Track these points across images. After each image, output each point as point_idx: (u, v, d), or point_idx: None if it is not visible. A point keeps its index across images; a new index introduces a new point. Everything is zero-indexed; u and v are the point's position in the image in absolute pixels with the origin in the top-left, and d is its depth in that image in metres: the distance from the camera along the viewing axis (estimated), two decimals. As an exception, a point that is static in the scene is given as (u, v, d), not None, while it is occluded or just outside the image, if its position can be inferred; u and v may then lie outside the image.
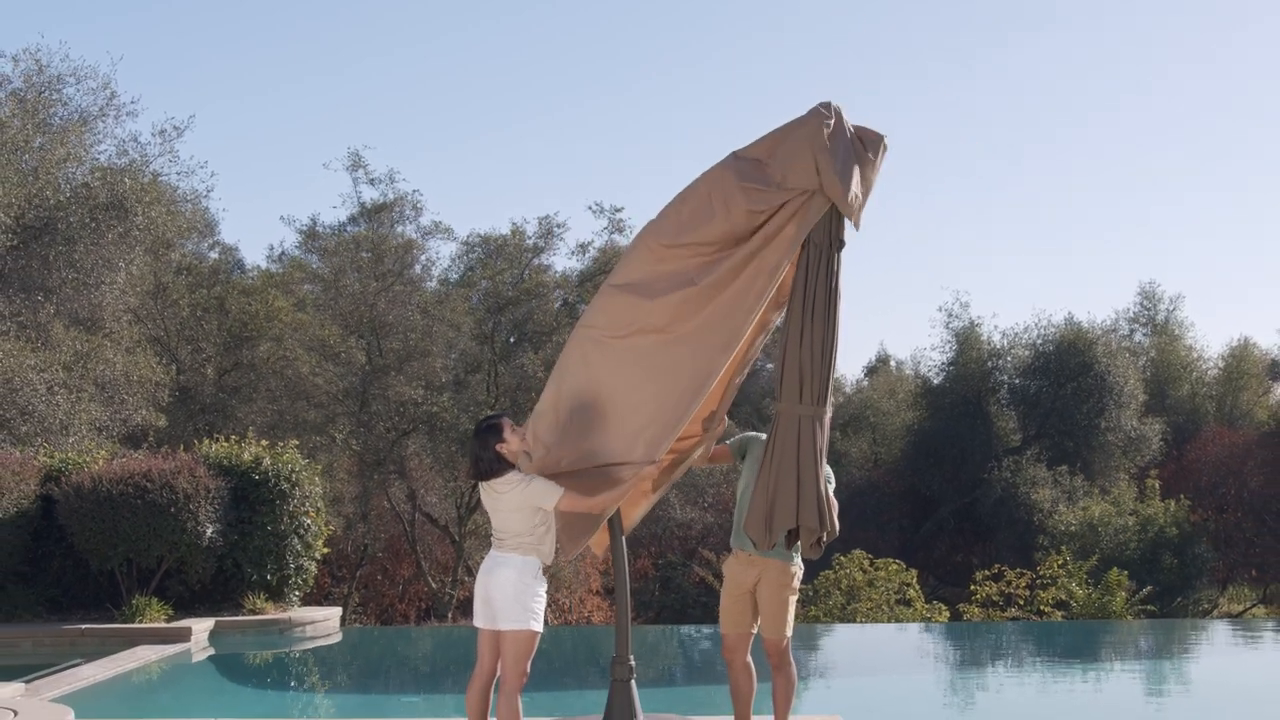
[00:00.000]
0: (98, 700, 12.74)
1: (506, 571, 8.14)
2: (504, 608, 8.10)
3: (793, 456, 8.16)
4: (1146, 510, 38.05)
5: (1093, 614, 27.83)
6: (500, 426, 8.26)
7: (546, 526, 8.21)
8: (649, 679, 12.68)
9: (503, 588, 8.12)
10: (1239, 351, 52.50)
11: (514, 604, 8.09)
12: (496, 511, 8.21)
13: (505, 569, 8.15)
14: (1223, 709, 14.06)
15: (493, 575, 8.17)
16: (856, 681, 16.14)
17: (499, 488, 8.15)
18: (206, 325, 34.83)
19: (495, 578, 8.16)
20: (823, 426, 8.26)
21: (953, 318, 47.77)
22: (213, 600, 18.60)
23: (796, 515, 8.16)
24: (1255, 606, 45.35)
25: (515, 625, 8.09)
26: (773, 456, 8.25)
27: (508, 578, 8.12)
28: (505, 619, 8.11)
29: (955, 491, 45.40)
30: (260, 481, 18.83)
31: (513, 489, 8.11)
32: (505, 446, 8.17)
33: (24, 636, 16.64)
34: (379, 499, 37.13)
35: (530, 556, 8.14)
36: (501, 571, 8.15)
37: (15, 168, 25.99)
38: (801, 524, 8.18)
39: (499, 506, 8.18)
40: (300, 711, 14.26)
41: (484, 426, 8.31)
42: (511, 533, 8.16)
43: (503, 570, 8.15)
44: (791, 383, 8.20)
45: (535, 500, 8.09)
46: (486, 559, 8.29)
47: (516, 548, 8.14)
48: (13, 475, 17.63)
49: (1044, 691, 15.61)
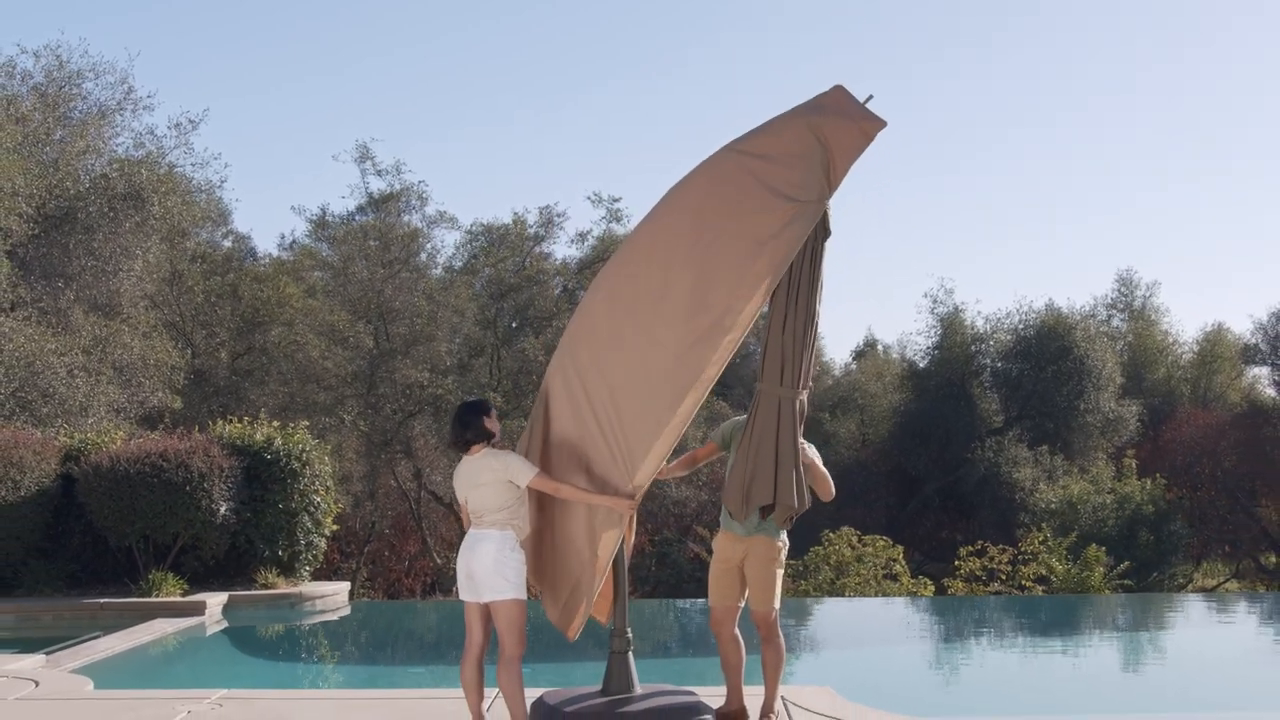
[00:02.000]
0: (116, 671, 12.74)
1: (486, 545, 8.17)
2: (486, 580, 8.15)
3: (772, 435, 8.18)
4: (1124, 489, 38.10)
5: (1072, 588, 27.84)
6: (489, 405, 8.42)
7: (521, 501, 8.25)
8: (646, 651, 12.69)
9: (483, 561, 8.15)
10: (1213, 336, 52.59)
11: (495, 575, 8.12)
12: (476, 487, 8.23)
13: (485, 544, 8.18)
14: (1196, 678, 14.07)
15: (474, 551, 8.20)
16: (845, 653, 16.15)
17: (482, 459, 8.22)
18: (220, 311, 34.83)
19: (476, 553, 8.19)
20: (802, 408, 8.25)
21: (938, 304, 47.84)
22: (226, 575, 18.60)
23: (774, 492, 8.18)
24: (1228, 581, 45.46)
25: (499, 596, 8.13)
26: (752, 434, 8.28)
27: (487, 551, 8.16)
28: (489, 591, 8.15)
29: (940, 470, 45.39)
30: (272, 461, 18.82)
31: (494, 459, 8.18)
32: (491, 424, 8.27)
33: (45, 610, 16.63)
34: (386, 478, 37.11)
35: (507, 531, 8.18)
36: (481, 546, 8.19)
37: (37, 159, 26.01)
38: (779, 500, 8.20)
39: (478, 480, 8.21)
40: (311, 682, 14.26)
41: (473, 402, 8.44)
42: (490, 508, 8.18)
43: (482, 545, 8.19)
44: (773, 366, 8.20)
45: (512, 473, 8.13)
46: (467, 537, 8.33)
47: (494, 523, 8.17)
48: (34, 455, 17.62)
49: (1025, 662, 15.62)
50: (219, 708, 9.62)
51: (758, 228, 8.04)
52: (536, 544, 8.62)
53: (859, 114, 8.02)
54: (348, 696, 11.63)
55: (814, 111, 8.10)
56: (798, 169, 8.03)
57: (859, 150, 8.06)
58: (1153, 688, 13.91)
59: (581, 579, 8.36)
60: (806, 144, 8.04)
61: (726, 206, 8.14)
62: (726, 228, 8.09)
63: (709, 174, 8.30)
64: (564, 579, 8.46)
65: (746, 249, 8.04)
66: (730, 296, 8.03)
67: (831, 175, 8.04)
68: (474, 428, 8.27)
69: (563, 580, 8.47)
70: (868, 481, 45.55)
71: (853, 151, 8.05)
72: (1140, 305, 54.76)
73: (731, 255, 8.06)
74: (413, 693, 10.79)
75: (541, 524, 8.58)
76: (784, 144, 8.10)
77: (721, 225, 8.10)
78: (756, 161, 8.14)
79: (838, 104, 8.07)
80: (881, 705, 9.34)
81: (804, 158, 8.04)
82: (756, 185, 8.08)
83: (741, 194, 8.11)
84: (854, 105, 8.04)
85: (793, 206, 7.99)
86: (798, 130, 8.09)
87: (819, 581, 26.97)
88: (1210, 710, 11.72)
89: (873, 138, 8.04)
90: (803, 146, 8.05)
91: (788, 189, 8.02)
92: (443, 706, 9.61)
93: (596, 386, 8.30)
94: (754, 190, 8.08)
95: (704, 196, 8.24)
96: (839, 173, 8.06)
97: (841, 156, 8.03)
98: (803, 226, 7.99)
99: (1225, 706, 12.05)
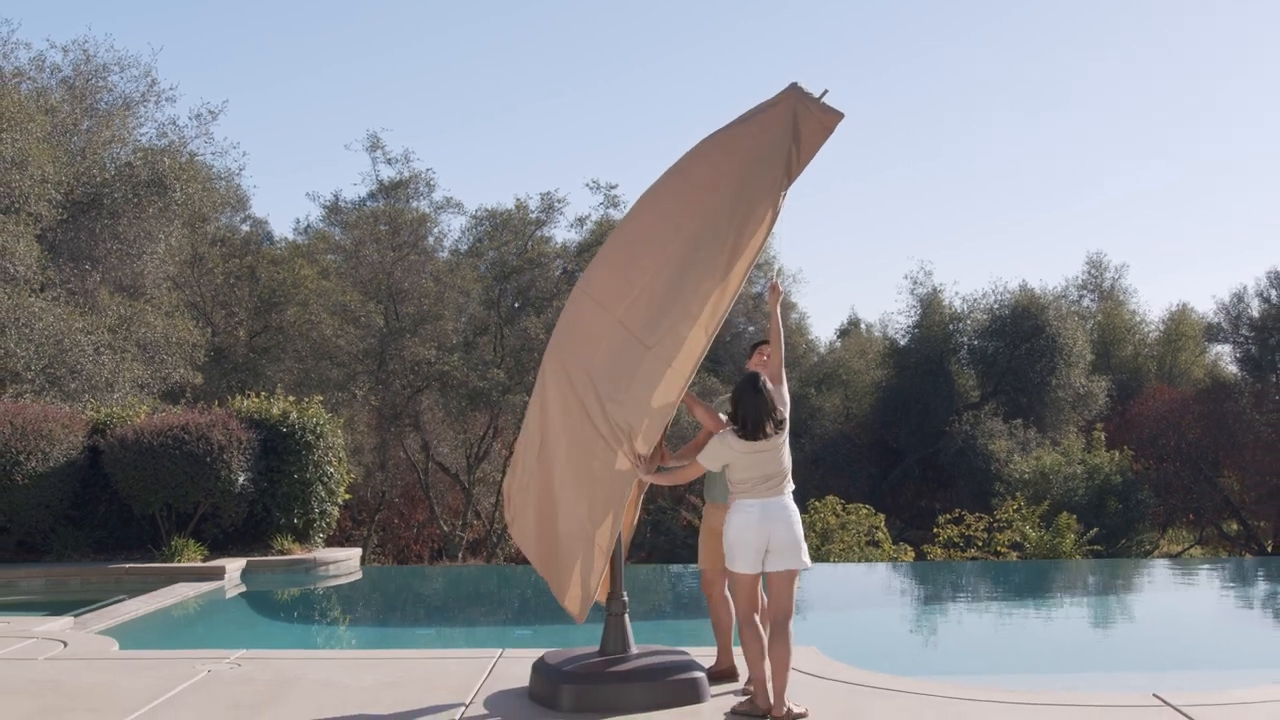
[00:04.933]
0: (140, 632, 12.74)
1: (795, 513, 7.94)
2: (796, 547, 7.87)
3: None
4: (1093, 460, 38.11)
5: (1044, 554, 27.87)
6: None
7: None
8: (641, 613, 12.69)
9: (796, 528, 7.90)
10: (1178, 316, 52.70)
11: (801, 543, 7.93)
12: (769, 453, 7.88)
13: (792, 511, 7.94)
14: (1161, 637, 14.10)
15: (788, 515, 7.88)
16: (830, 616, 16.14)
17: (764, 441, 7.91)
18: (238, 291, 34.83)
19: (791, 517, 7.88)
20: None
21: (917, 285, 47.94)
22: (244, 541, 18.58)
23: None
24: (1192, 547, 45.58)
25: (800, 564, 7.92)
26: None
27: (796, 518, 7.94)
28: (796, 558, 7.89)
29: (919, 443, 45.45)
30: (287, 434, 18.78)
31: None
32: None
33: (73, 575, 16.63)
34: (395, 449, 37.18)
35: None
36: (791, 513, 7.91)
37: (65, 149, 26.00)
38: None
39: (773, 445, 7.91)
40: (324, 642, 14.26)
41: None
42: (785, 474, 7.98)
43: (791, 513, 7.92)
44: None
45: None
46: (752, 506, 7.85)
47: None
48: (63, 428, 17.59)
49: (1000, 623, 15.63)
50: (238, 667, 9.61)
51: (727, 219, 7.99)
52: (539, 532, 8.54)
53: (817, 109, 7.96)
54: (359, 656, 11.63)
55: (773, 108, 8.04)
56: (761, 166, 7.97)
57: (820, 143, 8.00)
58: (1120, 647, 13.94)
59: (585, 564, 8.30)
60: (767, 144, 7.97)
61: (696, 204, 8.07)
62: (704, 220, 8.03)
63: (677, 179, 8.24)
64: (569, 565, 8.37)
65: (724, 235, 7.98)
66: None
67: (792, 168, 7.98)
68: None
69: (567, 566, 8.38)
70: (851, 453, 45.57)
71: (814, 144, 7.99)
72: (1109, 286, 54.81)
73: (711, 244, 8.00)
74: (420, 653, 10.77)
75: (544, 512, 8.48)
76: (747, 146, 8.03)
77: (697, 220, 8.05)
78: (721, 160, 8.08)
79: (796, 101, 8.00)
80: (864, 664, 9.33)
81: (762, 160, 7.96)
82: (720, 187, 8.02)
83: (710, 191, 8.06)
84: (811, 101, 7.99)
85: (761, 204, 7.95)
86: (759, 130, 8.03)
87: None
88: (1176, 668, 11.74)
89: (832, 129, 7.98)
90: (763, 148, 7.97)
91: (752, 188, 7.96)
92: (447, 666, 9.60)
93: (585, 365, 8.22)
94: (720, 188, 8.03)
95: (675, 197, 8.19)
96: (800, 165, 7.99)
97: (804, 149, 7.97)
98: (764, 212, 7.96)
99: (1189, 664, 12.07)
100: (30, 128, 23.61)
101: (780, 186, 7.94)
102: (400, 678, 9.18)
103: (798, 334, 49.57)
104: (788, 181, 7.97)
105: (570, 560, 8.31)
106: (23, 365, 21.86)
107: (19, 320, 21.91)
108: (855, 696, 8.38)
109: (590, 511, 8.19)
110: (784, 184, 7.95)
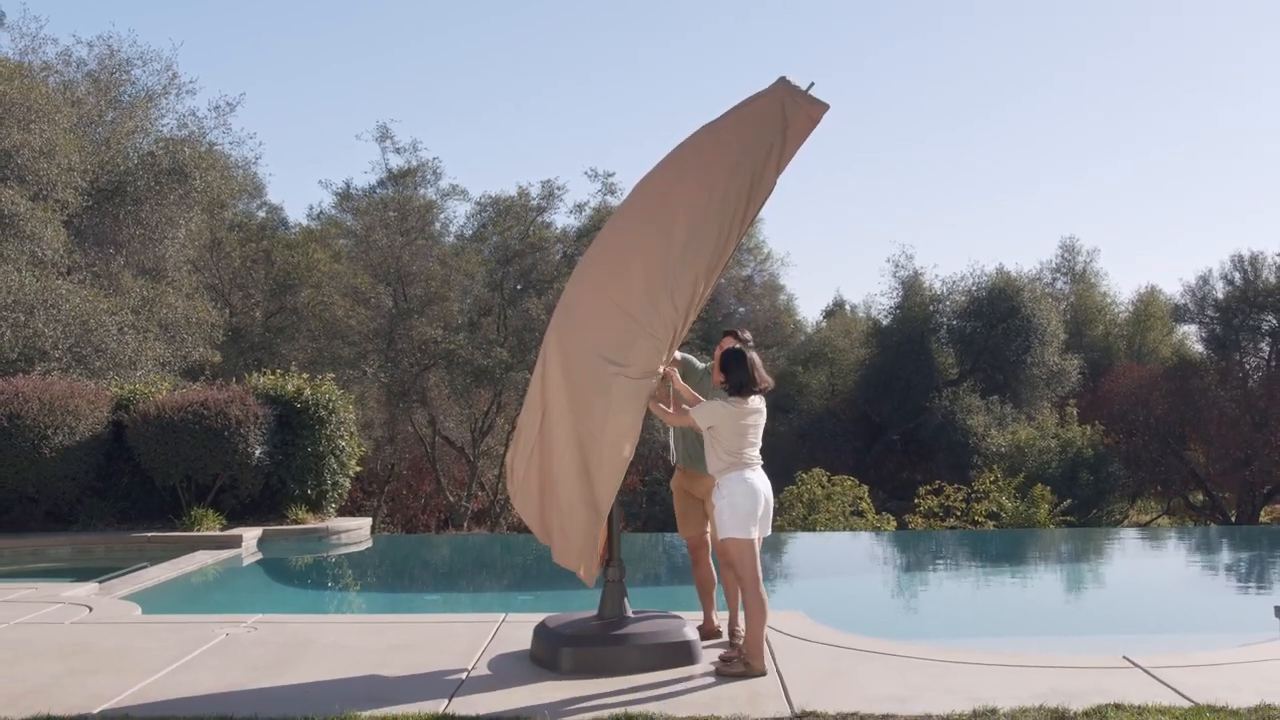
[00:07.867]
0: (161, 597, 12.73)
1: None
2: (770, 516, 8.06)
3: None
4: (1066, 434, 38.19)
5: (1020, 523, 27.92)
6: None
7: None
8: (636, 580, 12.68)
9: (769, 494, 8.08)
10: (1146, 297, 52.71)
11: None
12: (753, 419, 8.02)
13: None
14: (1130, 602, 14.11)
15: (769, 487, 8.05)
16: (816, 582, 16.16)
17: (755, 402, 8.06)
18: (255, 274, 34.82)
19: (767, 485, 8.03)
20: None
21: (899, 268, 47.94)
22: (261, 511, 18.57)
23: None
24: (1160, 517, 45.75)
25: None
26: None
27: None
28: (769, 526, 8.08)
29: (901, 418, 45.46)
30: (301, 409, 18.77)
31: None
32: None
33: (98, 543, 16.62)
34: (404, 424, 37.22)
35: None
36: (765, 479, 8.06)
37: (90, 139, 26.00)
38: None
39: (758, 411, 8.06)
40: (336, 607, 14.25)
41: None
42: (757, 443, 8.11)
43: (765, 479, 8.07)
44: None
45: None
46: (748, 473, 7.93)
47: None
48: (88, 404, 17.57)
49: (978, 589, 15.64)
50: (254, 630, 9.60)
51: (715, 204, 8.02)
52: (540, 499, 8.51)
53: (805, 101, 7.94)
54: (369, 621, 11.62)
55: (763, 100, 8.02)
56: (750, 155, 7.96)
57: (807, 133, 8.00)
58: (1092, 611, 13.95)
59: (589, 530, 8.27)
60: (756, 134, 7.96)
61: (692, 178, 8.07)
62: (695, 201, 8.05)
63: (669, 169, 8.22)
64: (573, 531, 8.33)
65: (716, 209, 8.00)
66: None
67: (780, 158, 7.98)
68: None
69: (572, 533, 8.35)
70: (836, 428, 45.56)
71: (801, 134, 7.99)
72: (1081, 269, 54.75)
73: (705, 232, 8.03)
74: (427, 618, 10.77)
75: (543, 480, 8.43)
76: (738, 136, 8.01)
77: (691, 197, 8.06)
78: (713, 150, 8.06)
79: (784, 94, 7.98)
80: (848, 628, 9.32)
81: (751, 150, 7.94)
82: (711, 175, 8.01)
83: (704, 168, 8.06)
84: (799, 94, 7.97)
85: (750, 191, 7.97)
86: (749, 121, 8.00)
87: (793, 517, 27.01)
88: (1144, 632, 11.74)
89: (818, 121, 7.98)
90: (752, 138, 7.96)
91: (740, 176, 7.96)
92: (454, 629, 9.59)
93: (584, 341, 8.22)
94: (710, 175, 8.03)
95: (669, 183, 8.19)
96: (788, 154, 8.00)
97: (791, 140, 7.97)
98: (753, 198, 8.01)
99: (1157, 628, 12.08)
100: (57, 119, 23.59)
101: (769, 175, 7.96)
102: (409, 641, 9.17)
103: (785, 315, 49.55)
104: (776, 170, 7.99)
105: (574, 527, 8.28)
106: (50, 344, 21.84)
107: (47, 302, 21.89)
108: (840, 658, 8.37)
109: (591, 480, 8.18)
110: (773, 172, 7.98)
